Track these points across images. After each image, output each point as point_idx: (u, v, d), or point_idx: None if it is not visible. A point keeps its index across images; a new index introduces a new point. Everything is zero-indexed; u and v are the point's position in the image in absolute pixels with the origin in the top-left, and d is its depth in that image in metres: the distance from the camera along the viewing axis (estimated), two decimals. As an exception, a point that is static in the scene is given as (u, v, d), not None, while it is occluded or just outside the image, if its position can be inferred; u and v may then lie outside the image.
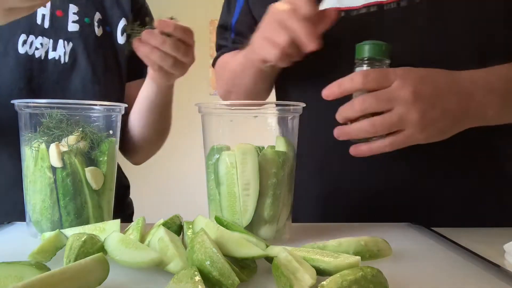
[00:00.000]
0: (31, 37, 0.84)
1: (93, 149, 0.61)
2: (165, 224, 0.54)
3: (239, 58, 0.79)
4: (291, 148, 0.60)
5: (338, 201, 0.78)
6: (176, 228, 0.56)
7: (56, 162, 0.58)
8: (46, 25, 0.86)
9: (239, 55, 0.80)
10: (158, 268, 0.46)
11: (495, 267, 0.49)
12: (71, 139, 0.59)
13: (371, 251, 0.51)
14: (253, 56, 0.71)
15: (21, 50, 0.83)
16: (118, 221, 0.56)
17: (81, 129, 0.60)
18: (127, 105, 0.66)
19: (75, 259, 0.45)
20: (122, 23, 0.93)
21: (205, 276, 0.41)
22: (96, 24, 0.91)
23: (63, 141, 0.59)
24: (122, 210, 0.98)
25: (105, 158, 0.61)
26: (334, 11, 0.65)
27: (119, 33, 0.93)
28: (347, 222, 0.70)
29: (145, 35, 0.72)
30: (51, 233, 0.54)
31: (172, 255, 0.45)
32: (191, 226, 0.55)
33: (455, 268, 0.50)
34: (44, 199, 0.59)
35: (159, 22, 0.72)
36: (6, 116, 0.72)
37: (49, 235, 0.54)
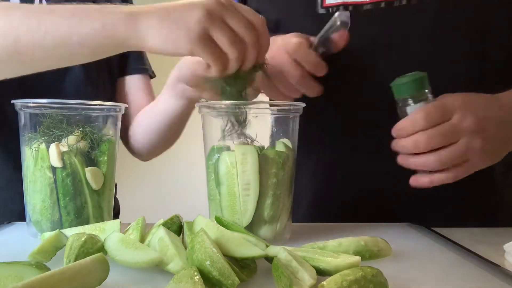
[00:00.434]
0: None
1: (93, 149, 0.61)
2: (165, 224, 0.54)
3: None
4: (291, 148, 0.60)
5: (338, 201, 0.77)
6: (176, 228, 0.56)
7: (56, 162, 0.58)
8: None
9: None
10: (158, 268, 0.46)
11: (495, 267, 0.49)
12: (71, 139, 0.59)
13: (371, 251, 0.51)
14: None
15: None
16: (118, 221, 0.56)
17: (81, 129, 0.60)
18: (127, 105, 0.65)
19: (75, 259, 0.45)
20: None
21: (205, 276, 0.41)
22: None
23: (63, 141, 0.59)
24: None
25: (105, 158, 0.61)
26: (344, 36, 0.63)
27: None
28: (347, 222, 0.70)
29: None
30: (51, 233, 0.54)
31: (172, 255, 0.45)
32: (191, 226, 0.55)
33: (455, 268, 0.50)
34: (44, 199, 0.59)
35: None
36: None
37: (49, 235, 0.54)
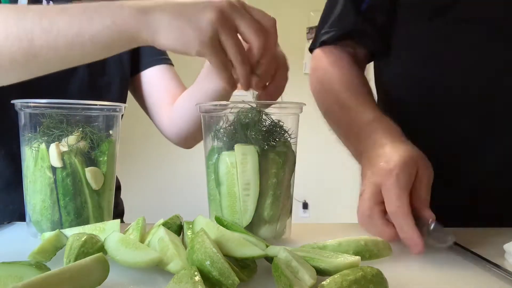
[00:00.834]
0: None
1: (93, 149, 0.61)
2: (165, 224, 0.54)
3: None
4: (292, 148, 0.60)
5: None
6: (176, 228, 0.56)
7: (56, 162, 0.58)
8: None
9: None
10: (158, 268, 0.46)
11: (495, 267, 0.49)
12: (71, 139, 0.59)
13: (371, 251, 0.51)
14: None
15: None
16: (118, 221, 0.56)
17: (81, 129, 0.60)
18: (127, 105, 0.65)
19: (75, 259, 0.45)
20: None
21: (205, 276, 0.41)
22: None
23: (63, 141, 0.59)
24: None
25: (105, 158, 0.61)
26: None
27: None
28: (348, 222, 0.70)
29: None
30: (51, 233, 0.54)
31: (172, 255, 0.45)
32: (191, 226, 0.55)
33: (455, 268, 0.50)
34: (44, 199, 0.59)
35: None
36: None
37: (49, 235, 0.54)
